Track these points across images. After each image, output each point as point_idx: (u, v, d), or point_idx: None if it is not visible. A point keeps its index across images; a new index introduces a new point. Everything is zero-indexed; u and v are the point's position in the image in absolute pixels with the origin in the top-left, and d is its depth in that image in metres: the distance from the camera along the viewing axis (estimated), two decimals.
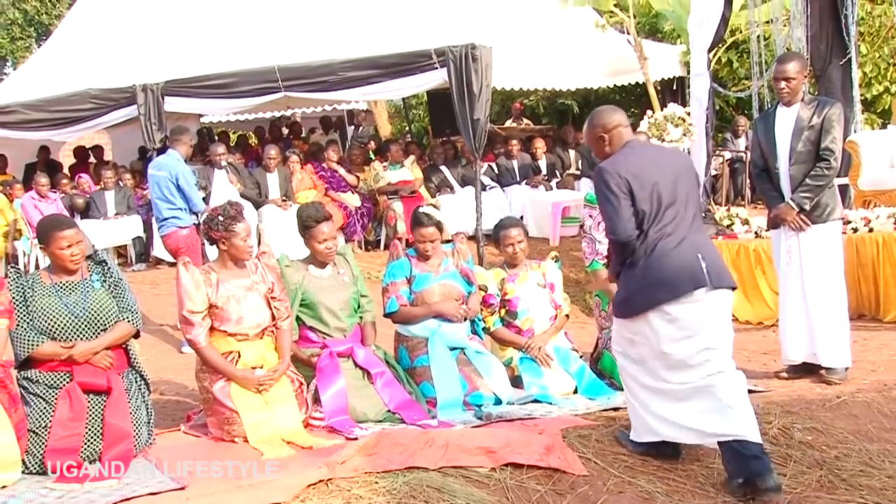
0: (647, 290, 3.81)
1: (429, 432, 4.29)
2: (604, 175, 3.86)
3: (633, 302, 3.88)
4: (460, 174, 11.33)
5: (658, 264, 3.81)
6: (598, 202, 3.93)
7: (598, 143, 4.01)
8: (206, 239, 4.83)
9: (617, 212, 3.82)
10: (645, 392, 3.96)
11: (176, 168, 7.30)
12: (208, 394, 4.52)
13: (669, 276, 3.79)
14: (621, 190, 3.82)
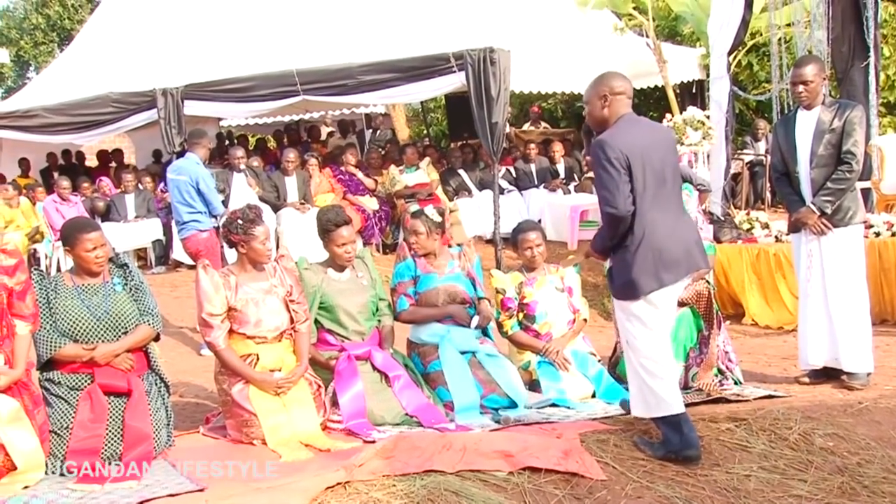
0: (652, 271, 3.87)
1: (446, 436, 4.29)
2: (604, 147, 3.83)
3: (639, 284, 3.89)
4: (478, 178, 11.33)
5: (660, 244, 3.86)
6: (596, 174, 3.91)
7: (597, 102, 3.99)
8: (225, 242, 4.86)
9: (617, 185, 3.81)
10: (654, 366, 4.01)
11: (196, 172, 7.34)
12: (227, 396, 4.54)
13: (672, 258, 3.89)
14: (621, 164, 3.82)
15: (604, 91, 3.97)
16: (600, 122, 4.02)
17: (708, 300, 5.01)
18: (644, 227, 3.86)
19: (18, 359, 4.02)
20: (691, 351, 5.04)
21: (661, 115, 10.94)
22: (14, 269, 4.05)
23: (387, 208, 10.77)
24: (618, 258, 3.99)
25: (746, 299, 7.48)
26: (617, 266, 4.01)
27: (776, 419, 4.29)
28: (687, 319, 5.04)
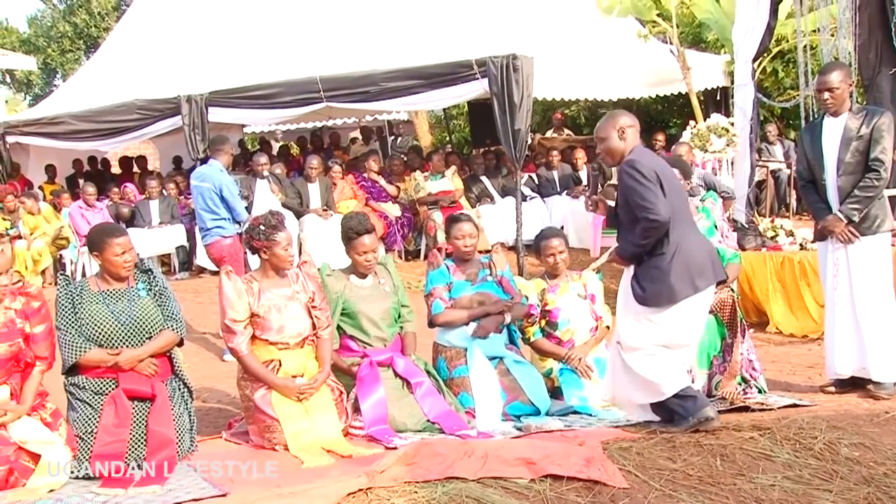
0: (688, 278, 4.23)
1: (468, 443, 4.29)
2: (636, 165, 4.20)
3: (676, 290, 4.23)
4: (501, 184, 11.34)
5: (693, 253, 4.25)
6: (630, 192, 4.21)
7: (614, 134, 4.36)
8: (247, 248, 4.89)
9: (656, 195, 4.16)
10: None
11: (219, 179, 7.39)
12: (249, 402, 4.56)
13: (703, 265, 4.28)
14: (652, 177, 4.18)
15: (620, 125, 4.36)
16: (617, 153, 4.39)
17: (732, 308, 4.99)
18: (678, 237, 4.24)
19: (27, 395, 4.09)
20: (715, 359, 5.02)
21: (684, 122, 10.92)
22: (37, 312, 4.12)
23: (409, 215, 10.80)
24: (650, 266, 4.29)
25: (771, 307, 7.43)
26: (649, 274, 4.29)
27: (801, 428, 4.25)
28: (711, 327, 5.01)
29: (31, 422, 4.05)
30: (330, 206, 10.40)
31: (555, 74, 10.53)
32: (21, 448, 3.94)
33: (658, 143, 11.69)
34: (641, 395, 4.47)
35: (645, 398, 4.47)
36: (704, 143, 9.61)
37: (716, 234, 5.11)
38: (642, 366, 4.39)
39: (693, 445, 4.17)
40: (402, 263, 10.25)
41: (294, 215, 10.01)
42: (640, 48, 11.70)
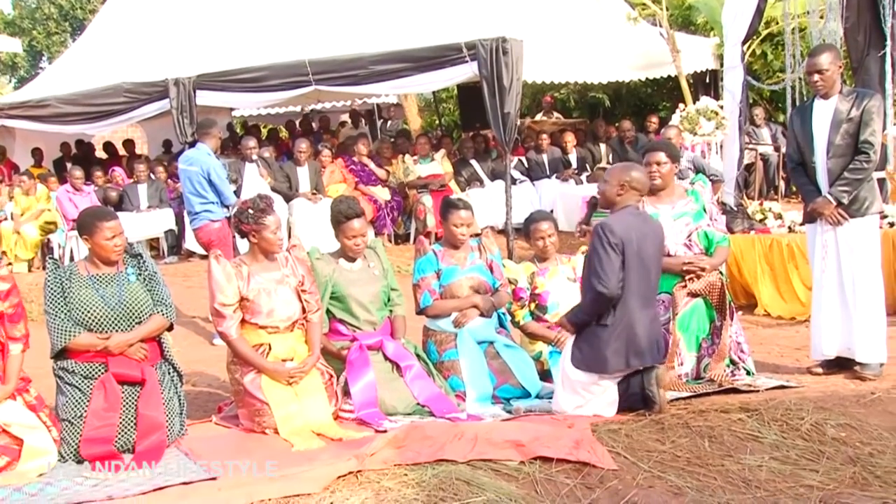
0: (624, 352, 4.36)
1: (458, 425, 4.31)
2: (605, 231, 4.31)
3: (610, 361, 4.37)
4: (490, 168, 11.32)
5: (636, 331, 4.36)
6: (591, 255, 4.37)
7: (616, 188, 4.48)
8: (236, 232, 4.88)
9: (613, 268, 4.28)
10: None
11: (207, 163, 7.34)
12: (239, 385, 4.56)
13: (642, 347, 4.39)
14: (618, 250, 4.30)
15: (626, 180, 4.47)
16: (610, 204, 4.54)
17: (721, 291, 5.00)
18: (626, 311, 4.35)
19: (11, 375, 4.10)
20: (704, 341, 5.03)
21: (674, 105, 10.91)
22: (7, 294, 4.10)
23: (399, 198, 10.78)
24: (591, 333, 4.42)
25: (759, 290, 7.45)
26: (588, 340, 4.43)
27: (788, 409, 4.28)
28: (699, 310, 5.03)
29: (14, 405, 4.04)
30: (319, 190, 10.37)
31: (544, 57, 10.50)
32: (5, 431, 3.94)
33: (652, 126, 11.70)
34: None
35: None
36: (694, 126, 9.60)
37: (704, 217, 5.11)
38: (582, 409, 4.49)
39: (681, 427, 4.20)
40: (391, 247, 10.23)
41: (283, 199, 9.97)
42: (630, 31, 11.67)
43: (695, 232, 5.06)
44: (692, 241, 5.06)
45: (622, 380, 4.49)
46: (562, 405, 4.53)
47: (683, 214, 5.09)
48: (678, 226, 5.06)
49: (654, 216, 5.04)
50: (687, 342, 4.97)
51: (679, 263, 4.98)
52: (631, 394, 4.47)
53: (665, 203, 5.12)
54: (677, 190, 5.20)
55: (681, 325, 4.97)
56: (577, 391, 4.48)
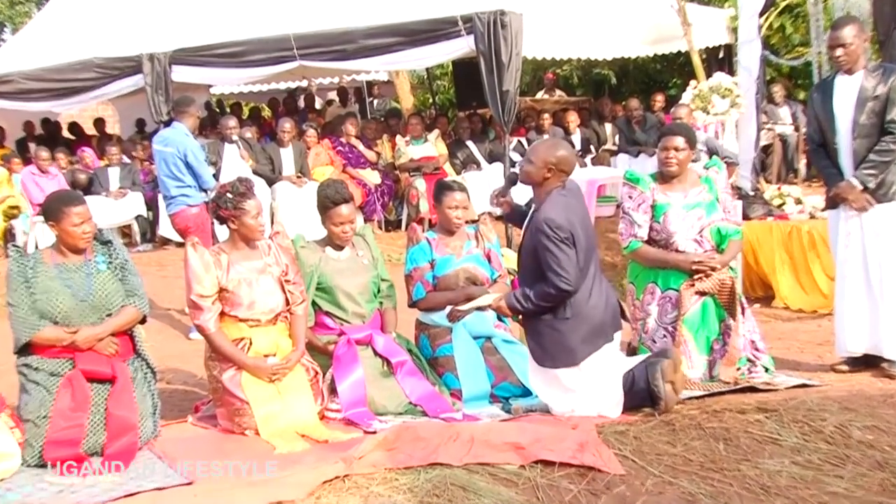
0: (588, 338, 4.41)
1: (453, 426, 4.29)
2: (556, 227, 4.31)
3: (578, 351, 4.41)
4: (488, 149, 11.29)
5: (591, 313, 4.41)
6: (544, 251, 4.34)
7: (543, 171, 4.45)
8: (215, 218, 4.85)
9: (571, 263, 4.31)
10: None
11: (184, 143, 7.30)
12: (217, 383, 4.54)
13: (602, 325, 4.46)
14: (568, 243, 4.32)
15: (552, 162, 4.45)
16: (535, 184, 4.52)
17: (731, 290, 4.99)
18: (581, 299, 4.39)
19: None
20: (715, 342, 5.02)
21: (685, 82, 10.86)
22: None
23: (389, 182, 10.75)
24: (548, 327, 4.44)
25: (777, 281, 7.43)
26: (547, 334, 4.45)
27: (810, 410, 4.26)
28: (709, 310, 5.01)
29: None
30: (304, 173, 10.34)
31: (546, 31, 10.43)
32: None
33: (657, 105, 11.67)
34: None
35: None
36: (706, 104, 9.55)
37: (718, 210, 5.09)
38: (576, 409, 4.49)
39: (694, 429, 4.18)
40: (381, 234, 10.22)
41: (265, 182, 9.94)
42: (638, 3, 11.62)
43: (707, 227, 5.04)
44: (703, 237, 5.04)
45: (627, 375, 4.48)
46: (556, 409, 4.53)
47: (696, 205, 5.07)
48: (690, 218, 5.04)
49: (664, 206, 5.02)
50: (697, 345, 4.96)
51: (688, 261, 4.98)
52: (637, 390, 4.45)
53: (677, 191, 5.10)
54: (690, 176, 5.18)
55: (689, 325, 4.96)
56: (559, 388, 4.50)
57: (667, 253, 5.05)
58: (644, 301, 5.11)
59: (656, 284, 5.09)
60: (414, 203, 10.40)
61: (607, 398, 4.46)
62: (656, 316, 5.03)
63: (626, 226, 5.16)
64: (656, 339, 5.02)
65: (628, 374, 4.50)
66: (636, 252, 5.14)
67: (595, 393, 4.46)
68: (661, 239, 5.08)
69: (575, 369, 4.43)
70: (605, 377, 4.49)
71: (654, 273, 5.11)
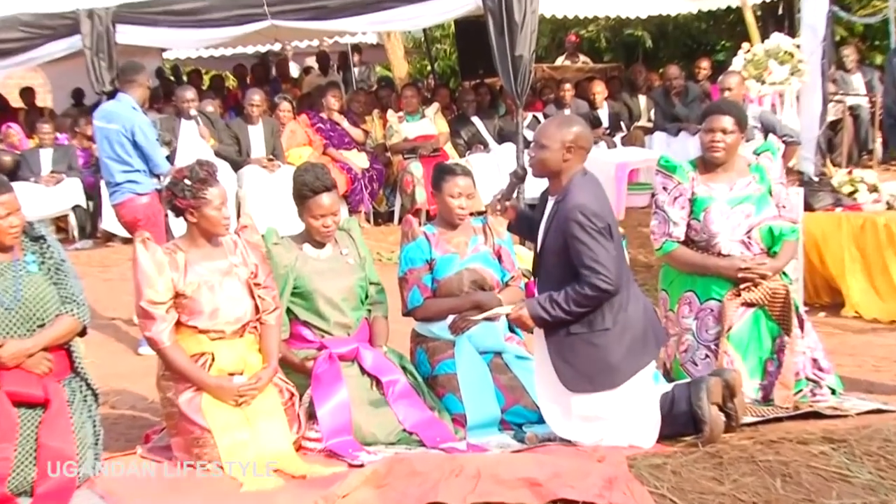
0: (631, 355, 4.43)
1: (456, 458, 4.30)
2: (592, 216, 4.34)
3: (621, 370, 4.42)
4: (497, 127, 11.31)
5: (634, 325, 4.44)
6: (578, 245, 4.34)
7: (561, 153, 4.48)
8: (169, 209, 4.86)
9: (609, 256, 4.33)
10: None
11: (131, 119, 7.31)
12: (173, 407, 4.55)
13: (646, 332, 4.50)
14: (606, 234, 4.36)
15: (570, 140, 4.48)
16: (552, 172, 4.55)
17: (784, 300, 5.00)
18: (621, 303, 4.42)
19: None
20: (769, 363, 5.03)
21: (736, 44, 10.87)
22: None
23: (379, 166, 10.76)
24: (583, 343, 4.43)
25: (847, 284, 7.43)
26: (580, 352, 4.43)
27: (886, 440, 4.27)
28: (761, 324, 5.03)
29: None
30: (277, 156, 10.36)
31: None
32: None
33: (701, 73, 11.67)
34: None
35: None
36: (761, 71, 9.55)
37: (770, 205, 5.10)
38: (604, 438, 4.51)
39: (745, 462, 4.19)
40: (370, 229, 10.24)
41: (230, 166, 9.96)
42: None
43: (757, 227, 5.06)
44: (752, 239, 5.06)
45: (665, 396, 4.50)
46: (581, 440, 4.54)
47: (744, 200, 5.09)
48: (736, 216, 5.06)
49: (705, 201, 5.03)
50: (747, 367, 4.96)
51: (734, 268, 5.00)
52: (677, 413, 4.48)
53: (721, 182, 5.12)
54: (738, 163, 5.20)
55: (737, 344, 4.98)
56: (582, 417, 4.50)
57: (707, 257, 5.07)
58: (679, 313, 5.13)
59: (694, 293, 5.11)
60: (409, 191, 10.41)
61: (641, 424, 4.48)
62: (695, 332, 5.06)
63: (660, 223, 5.17)
64: (697, 360, 5.04)
65: (667, 395, 4.53)
66: (671, 255, 5.16)
67: (628, 418, 4.48)
68: (701, 240, 5.09)
69: (611, 393, 4.44)
70: (641, 400, 4.51)
71: (691, 280, 5.14)
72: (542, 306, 4.43)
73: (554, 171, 4.54)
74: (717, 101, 6.75)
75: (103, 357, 6.81)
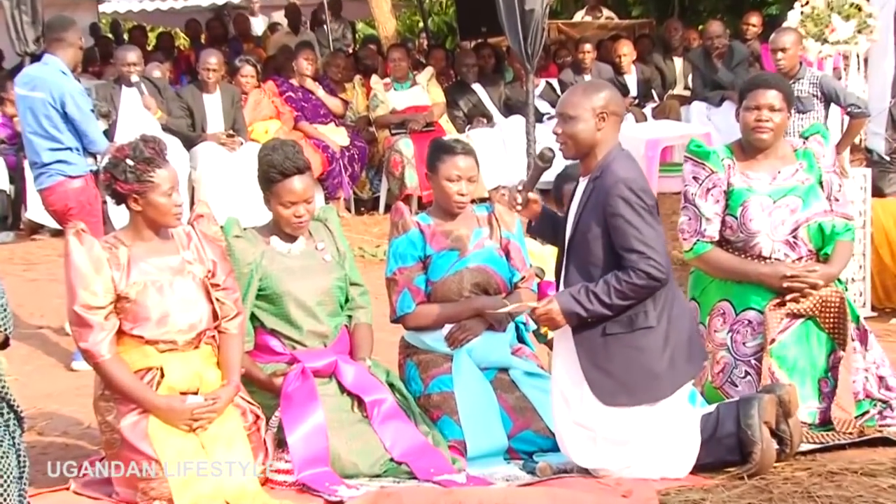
0: (681, 358, 4.49)
1: (453, 493, 4.33)
2: (636, 189, 4.40)
3: (665, 381, 4.47)
4: (503, 96, 11.33)
5: (681, 321, 4.54)
6: (623, 224, 4.37)
7: (594, 122, 4.52)
8: (108, 195, 4.86)
9: (658, 238, 4.41)
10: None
11: (60, 86, 7.30)
12: (113, 433, 4.55)
13: (692, 338, 4.62)
14: (654, 213, 4.44)
15: (600, 107, 4.54)
16: (586, 146, 4.57)
17: (839, 310, 5.02)
18: (669, 299, 4.50)
19: None
20: (823, 383, 5.05)
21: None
22: None
23: (362, 144, 10.77)
24: (622, 345, 4.46)
25: None
26: (619, 357, 4.46)
27: None
28: (811, 338, 5.05)
29: None
30: (238, 130, 10.36)
31: None
32: None
33: (750, 30, 11.67)
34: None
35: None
36: (822, 28, 9.58)
37: (821, 198, 5.10)
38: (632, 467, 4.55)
39: (801, 498, 4.22)
40: (350, 219, 10.25)
41: (182, 143, 9.97)
42: None
43: (804, 224, 5.08)
44: (798, 239, 5.08)
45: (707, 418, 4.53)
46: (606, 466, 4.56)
47: (789, 192, 5.11)
48: (780, 212, 5.08)
49: (743, 193, 5.06)
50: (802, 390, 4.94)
51: (778, 275, 5.03)
52: (721, 436, 4.50)
53: (762, 171, 5.14)
54: (782, 148, 5.22)
55: (782, 361, 4.99)
56: (616, 443, 4.51)
57: (747, 262, 5.10)
58: (711, 326, 5.16)
59: (729, 303, 5.15)
60: (397, 173, 10.43)
61: (676, 451, 4.52)
62: (731, 347, 5.09)
63: (690, 220, 5.17)
64: (736, 379, 5.07)
65: (710, 416, 4.56)
66: (703, 258, 5.17)
67: (661, 443, 4.51)
68: (739, 240, 5.12)
69: (648, 409, 4.47)
70: (678, 422, 4.54)
71: (725, 287, 5.18)
72: (576, 299, 4.41)
73: (588, 146, 4.56)
74: (761, 73, 6.78)
75: (29, 373, 6.84)
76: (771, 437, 4.46)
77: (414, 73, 10.93)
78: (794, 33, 9.03)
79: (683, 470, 4.50)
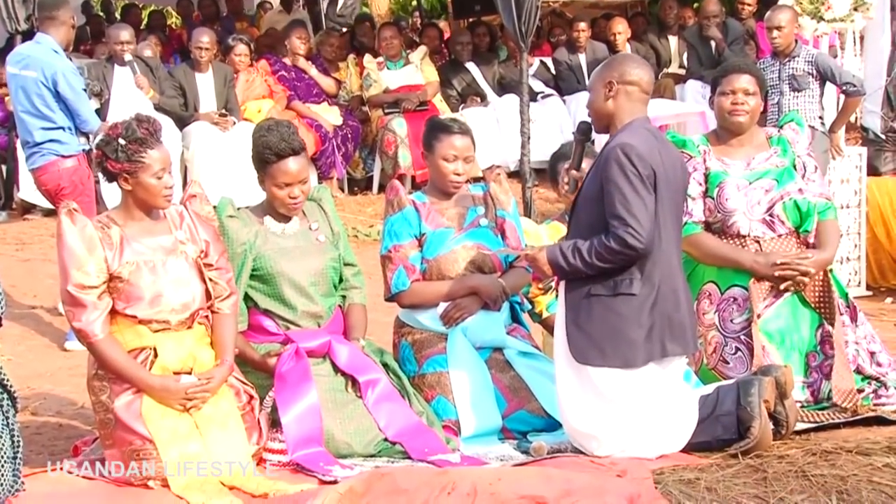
0: (660, 334, 4.49)
1: (447, 473, 4.31)
2: (634, 157, 4.39)
3: (641, 349, 4.48)
4: (497, 75, 11.32)
5: (669, 299, 4.52)
6: (612, 187, 4.39)
7: (601, 90, 4.60)
8: (101, 174, 4.85)
9: (645, 208, 4.38)
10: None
11: (52, 65, 7.29)
12: (107, 413, 4.56)
13: (683, 325, 4.57)
14: (651, 184, 4.42)
15: (614, 77, 4.57)
16: (603, 117, 4.65)
17: (824, 284, 5.04)
18: (664, 272, 4.51)
19: None
20: (811, 357, 5.06)
21: None
22: None
23: (355, 123, 10.75)
24: (604, 308, 4.50)
25: None
26: (599, 317, 4.51)
27: None
28: (797, 313, 5.06)
29: None
30: (231, 110, 10.35)
31: None
32: None
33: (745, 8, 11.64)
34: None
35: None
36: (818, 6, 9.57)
37: (794, 178, 5.12)
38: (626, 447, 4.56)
39: (795, 477, 4.22)
40: (344, 199, 10.25)
41: (174, 123, 9.95)
42: None
43: (779, 202, 5.09)
44: (775, 217, 5.10)
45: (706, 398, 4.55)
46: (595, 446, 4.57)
47: (764, 174, 5.16)
48: (755, 192, 5.13)
49: (719, 175, 5.08)
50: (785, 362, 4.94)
51: (769, 265, 5.05)
52: (720, 415, 4.52)
53: (738, 157, 5.19)
54: (756, 136, 5.27)
55: (769, 337, 5.01)
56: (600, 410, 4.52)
57: (738, 249, 5.14)
58: (700, 309, 5.16)
59: (715, 284, 5.18)
60: (390, 153, 10.42)
61: (672, 429, 4.53)
62: (719, 325, 5.11)
63: None
64: (727, 356, 5.09)
65: (708, 397, 4.57)
66: (691, 240, 5.16)
67: (657, 422, 4.52)
68: (716, 220, 5.16)
69: (630, 374, 4.47)
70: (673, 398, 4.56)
71: (710, 269, 5.20)
72: (562, 251, 4.50)
73: (604, 117, 4.63)
74: (733, 60, 6.79)
75: (22, 353, 6.84)
76: (768, 418, 4.47)
77: (407, 52, 10.93)
78: (790, 11, 9.02)
79: (678, 444, 4.52)
